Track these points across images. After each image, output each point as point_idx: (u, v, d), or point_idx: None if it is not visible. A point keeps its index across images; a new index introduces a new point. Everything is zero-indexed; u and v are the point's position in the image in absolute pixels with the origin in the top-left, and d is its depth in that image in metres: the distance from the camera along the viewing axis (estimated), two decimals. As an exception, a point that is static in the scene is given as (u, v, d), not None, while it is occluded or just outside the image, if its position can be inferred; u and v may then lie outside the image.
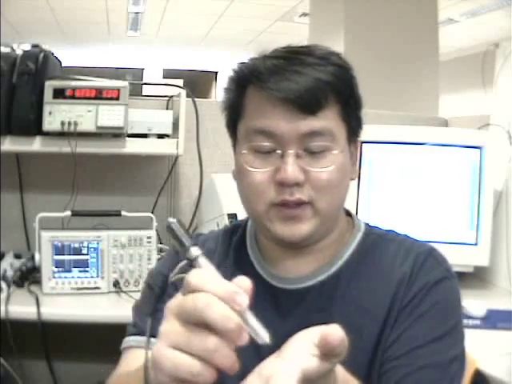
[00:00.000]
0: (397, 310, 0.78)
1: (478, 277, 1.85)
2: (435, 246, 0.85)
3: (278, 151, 0.77)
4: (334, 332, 0.50)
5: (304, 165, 0.76)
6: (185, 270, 0.69)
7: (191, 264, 0.55)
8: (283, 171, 0.76)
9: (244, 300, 0.51)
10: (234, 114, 0.83)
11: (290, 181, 0.75)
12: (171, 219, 0.57)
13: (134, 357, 0.83)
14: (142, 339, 0.82)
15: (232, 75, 0.82)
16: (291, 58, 0.77)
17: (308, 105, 0.75)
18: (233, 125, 0.84)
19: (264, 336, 0.52)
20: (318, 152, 0.77)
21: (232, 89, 0.83)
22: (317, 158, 0.77)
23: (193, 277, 0.52)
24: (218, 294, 0.50)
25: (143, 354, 0.67)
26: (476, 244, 1.76)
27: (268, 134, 0.77)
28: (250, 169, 0.79)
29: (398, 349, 0.76)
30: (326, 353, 0.51)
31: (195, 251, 0.55)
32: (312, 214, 0.78)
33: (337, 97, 0.78)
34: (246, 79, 0.80)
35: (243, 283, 0.53)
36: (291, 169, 0.75)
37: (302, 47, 0.81)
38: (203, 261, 0.55)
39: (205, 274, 0.53)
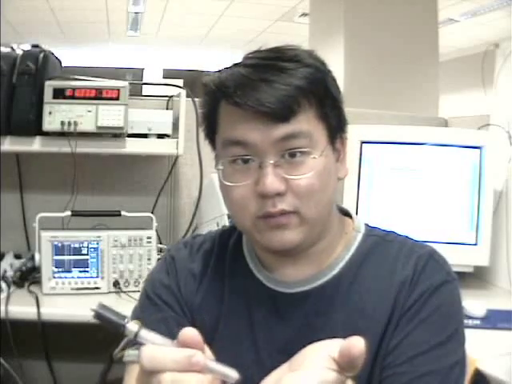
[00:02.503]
0: (398, 315, 0.77)
1: (478, 277, 1.85)
2: (435, 246, 0.84)
3: (255, 161, 0.75)
4: (358, 344, 0.50)
5: (283, 173, 0.75)
6: (128, 345, 0.68)
7: (134, 340, 0.55)
8: (262, 183, 0.74)
9: (199, 357, 0.53)
10: (210, 128, 0.82)
11: (270, 192, 0.74)
12: (94, 307, 0.55)
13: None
14: None
15: (203, 90, 0.81)
16: (260, 65, 0.76)
17: (280, 113, 0.73)
18: (210, 138, 0.83)
19: (233, 374, 0.54)
20: (297, 156, 0.75)
21: (205, 103, 0.81)
22: (296, 165, 0.75)
23: (145, 360, 0.53)
24: (177, 369, 0.52)
25: None
26: (476, 244, 1.76)
27: (242, 144, 0.75)
28: (230, 184, 0.77)
29: (399, 355, 0.75)
30: (346, 364, 0.51)
31: (133, 327, 0.55)
32: (299, 223, 0.76)
33: (310, 99, 0.76)
34: (215, 95, 0.78)
35: (189, 334, 0.54)
36: (270, 179, 0.73)
37: (271, 50, 0.79)
38: (145, 333, 0.55)
39: (154, 353, 0.53)
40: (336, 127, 0.80)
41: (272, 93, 0.73)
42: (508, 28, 3.36)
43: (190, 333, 0.54)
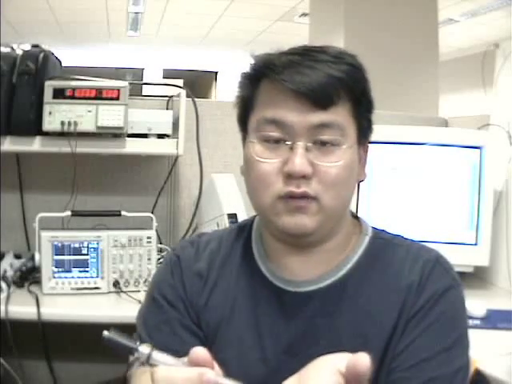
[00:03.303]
0: (405, 319, 0.78)
1: (478, 277, 1.85)
2: (435, 246, 0.85)
3: (288, 142, 0.77)
4: (363, 360, 0.51)
5: (313, 158, 0.77)
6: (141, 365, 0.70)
7: (147, 361, 0.56)
8: (291, 163, 0.76)
9: (210, 375, 0.54)
10: (247, 106, 0.83)
11: (297, 172, 0.76)
12: (105, 333, 0.57)
13: (145, 380, 0.82)
14: None
15: (247, 69, 0.83)
16: (306, 54, 0.79)
17: (319, 99, 0.76)
18: (244, 118, 0.84)
19: None
20: (328, 146, 0.77)
21: (246, 82, 0.84)
22: (326, 153, 0.77)
23: (160, 381, 0.54)
24: None
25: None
26: (476, 244, 1.76)
27: (278, 123, 0.77)
28: (259, 159, 0.79)
29: (406, 360, 0.76)
30: (353, 379, 0.51)
31: (145, 349, 0.56)
32: (317, 210, 0.78)
33: (348, 94, 0.79)
34: (261, 72, 0.81)
35: (200, 353, 0.55)
36: (299, 161, 0.76)
37: (316, 46, 0.82)
38: (157, 355, 0.56)
39: (168, 374, 0.54)
40: (365, 130, 0.83)
41: (315, 78, 0.76)
42: (508, 28, 3.36)
43: (200, 351, 0.55)
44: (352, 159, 0.80)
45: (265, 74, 0.80)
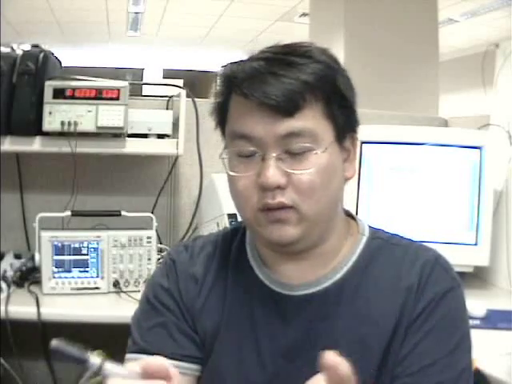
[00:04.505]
0: (406, 323, 0.77)
1: (478, 277, 1.85)
2: (435, 246, 0.84)
3: (259, 154, 0.76)
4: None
5: (285, 167, 0.75)
6: (94, 375, 0.70)
7: (99, 372, 0.54)
8: (263, 175, 0.75)
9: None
10: (221, 117, 0.83)
11: (270, 184, 0.74)
12: (54, 343, 0.55)
13: None
14: (141, 358, 0.79)
15: (217, 80, 0.82)
16: (273, 58, 0.76)
17: (284, 107, 0.74)
18: (221, 128, 0.84)
19: None
20: (299, 154, 0.75)
21: (219, 93, 0.82)
22: (298, 160, 0.75)
23: None
24: None
25: None
26: (476, 244, 1.76)
27: (248, 137, 0.76)
28: (233, 174, 0.78)
29: (409, 365, 0.75)
30: None
31: (95, 360, 0.54)
32: (298, 219, 0.76)
33: (317, 96, 0.75)
34: (227, 86, 0.80)
35: (151, 363, 0.55)
36: (272, 172, 0.74)
37: (285, 46, 0.79)
38: (109, 365, 0.55)
39: None
40: (344, 126, 0.79)
41: (279, 86, 0.73)
42: (508, 28, 3.36)
43: (152, 362, 0.55)
44: (329, 162, 0.76)
45: (230, 88, 0.78)
